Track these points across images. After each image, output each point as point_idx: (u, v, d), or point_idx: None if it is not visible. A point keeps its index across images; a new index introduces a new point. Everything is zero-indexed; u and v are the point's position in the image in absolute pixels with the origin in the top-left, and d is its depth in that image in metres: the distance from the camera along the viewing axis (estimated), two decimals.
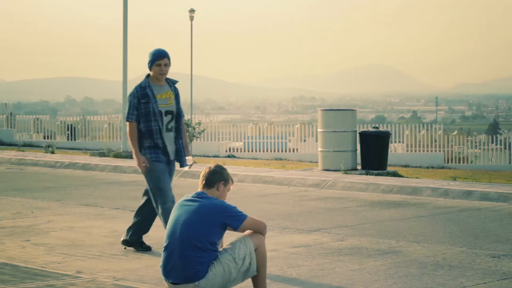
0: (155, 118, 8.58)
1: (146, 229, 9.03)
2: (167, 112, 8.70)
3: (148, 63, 8.68)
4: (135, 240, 8.95)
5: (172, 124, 8.76)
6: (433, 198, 13.71)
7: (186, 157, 8.82)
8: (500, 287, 7.31)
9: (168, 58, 8.69)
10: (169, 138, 8.71)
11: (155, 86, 8.68)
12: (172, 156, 8.74)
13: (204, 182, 6.45)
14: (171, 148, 8.73)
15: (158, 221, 10.99)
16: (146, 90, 8.63)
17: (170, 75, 8.84)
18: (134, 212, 9.14)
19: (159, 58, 8.61)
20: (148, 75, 8.72)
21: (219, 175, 6.46)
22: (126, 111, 8.91)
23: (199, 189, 6.45)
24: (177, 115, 8.82)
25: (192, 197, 6.37)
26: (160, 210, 8.59)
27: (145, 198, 8.99)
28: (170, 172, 8.82)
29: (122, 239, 9.04)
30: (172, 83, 8.86)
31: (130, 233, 8.96)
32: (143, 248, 8.92)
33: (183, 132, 8.92)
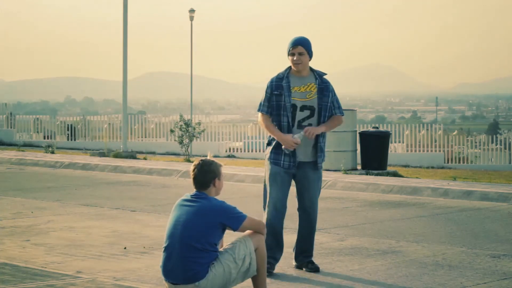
0: (285, 113, 7.66)
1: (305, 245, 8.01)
2: (303, 107, 7.70)
3: (287, 51, 7.77)
4: (302, 261, 7.99)
5: (311, 121, 7.71)
6: (433, 198, 13.72)
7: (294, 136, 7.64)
8: (500, 287, 7.31)
9: (305, 46, 7.66)
10: (303, 137, 7.68)
11: (295, 78, 7.74)
12: (304, 158, 7.76)
13: (198, 185, 6.36)
14: (303, 149, 7.73)
15: (159, 221, 11.00)
16: (282, 81, 7.71)
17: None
18: None
19: (292, 46, 7.68)
20: (290, 66, 7.81)
21: (211, 173, 6.35)
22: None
23: (195, 190, 6.41)
24: (320, 111, 7.72)
25: (191, 197, 6.36)
26: (264, 216, 7.83)
27: (298, 213, 8.08)
28: (304, 178, 7.83)
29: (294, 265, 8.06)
30: (319, 75, 7.81)
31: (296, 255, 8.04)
32: (309, 268, 7.88)
33: (332, 121, 7.86)
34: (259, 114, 7.84)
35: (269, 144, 7.87)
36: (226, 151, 31.10)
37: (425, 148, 31.46)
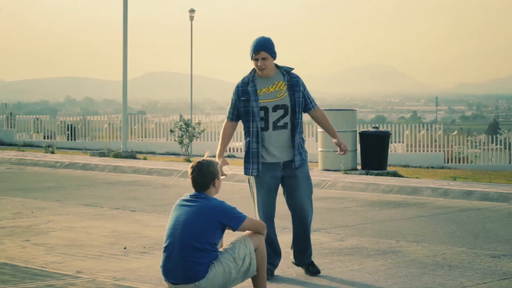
0: (254, 118, 7.43)
1: (299, 247, 7.79)
2: (276, 107, 7.42)
3: (250, 54, 7.49)
4: (301, 262, 7.83)
5: (286, 120, 7.45)
6: (433, 198, 13.72)
7: (223, 167, 7.42)
8: (500, 287, 7.31)
9: (267, 51, 7.36)
10: (279, 137, 7.48)
11: (261, 79, 7.47)
12: (283, 157, 7.51)
13: (198, 187, 6.34)
14: (280, 150, 7.51)
15: (159, 221, 11.00)
16: (247, 86, 7.45)
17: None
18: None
19: (254, 52, 7.39)
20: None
21: (210, 174, 6.33)
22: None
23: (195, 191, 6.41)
24: (292, 108, 7.45)
25: (191, 197, 6.36)
26: None
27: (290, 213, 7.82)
28: (291, 177, 7.54)
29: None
30: (286, 71, 7.52)
31: (295, 256, 7.84)
32: (310, 271, 7.72)
33: (324, 120, 7.69)
34: (224, 121, 7.73)
35: (249, 153, 7.65)
36: (226, 151, 31.09)
37: (425, 148, 31.45)
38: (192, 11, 40.00)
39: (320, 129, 18.63)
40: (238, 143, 33.44)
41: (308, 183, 7.69)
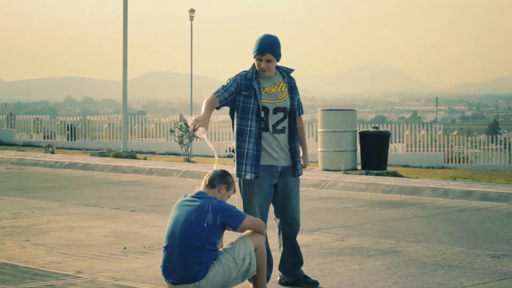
0: (253, 117, 6.95)
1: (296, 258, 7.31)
2: (277, 109, 6.98)
3: (253, 52, 7.03)
4: (295, 275, 7.30)
5: (284, 124, 7.03)
6: (433, 198, 13.72)
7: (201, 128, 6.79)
8: (500, 287, 7.31)
9: (274, 53, 6.91)
10: (279, 142, 7.03)
11: (263, 78, 7.00)
12: (281, 162, 7.05)
13: (207, 182, 6.43)
14: (280, 154, 7.03)
15: (159, 221, 11.00)
16: (251, 82, 6.94)
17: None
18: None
19: (259, 52, 6.92)
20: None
21: (224, 178, 6.46)
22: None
23: (201, 189, 6.46)
24: (292, 112, 7.06)
25: (192, 197, 6.37)
26: None
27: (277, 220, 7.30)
28: (286, 187, 7.08)
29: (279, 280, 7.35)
30: (286, 72, 7.12)
31: (285, 273, 7.32)
32: (310, 283, 7.26)
33: (302, 132, 7.22)
34: (210, 94, 7.00)
35: (242, 154, 7.10)
36: (226, 151, 31.07)
37: (425, 148, 31.43)
38: (192, 11, 40.02)
39: (320, 129, 18.63)
40: None
41: (298, 193, 7.28)
